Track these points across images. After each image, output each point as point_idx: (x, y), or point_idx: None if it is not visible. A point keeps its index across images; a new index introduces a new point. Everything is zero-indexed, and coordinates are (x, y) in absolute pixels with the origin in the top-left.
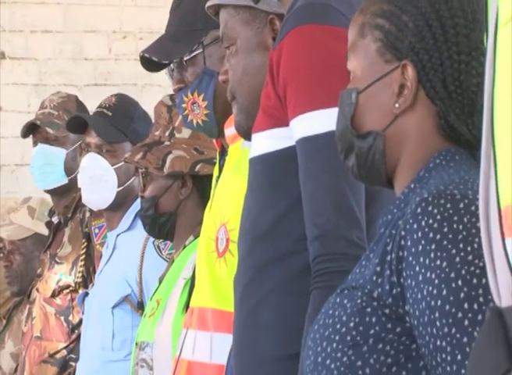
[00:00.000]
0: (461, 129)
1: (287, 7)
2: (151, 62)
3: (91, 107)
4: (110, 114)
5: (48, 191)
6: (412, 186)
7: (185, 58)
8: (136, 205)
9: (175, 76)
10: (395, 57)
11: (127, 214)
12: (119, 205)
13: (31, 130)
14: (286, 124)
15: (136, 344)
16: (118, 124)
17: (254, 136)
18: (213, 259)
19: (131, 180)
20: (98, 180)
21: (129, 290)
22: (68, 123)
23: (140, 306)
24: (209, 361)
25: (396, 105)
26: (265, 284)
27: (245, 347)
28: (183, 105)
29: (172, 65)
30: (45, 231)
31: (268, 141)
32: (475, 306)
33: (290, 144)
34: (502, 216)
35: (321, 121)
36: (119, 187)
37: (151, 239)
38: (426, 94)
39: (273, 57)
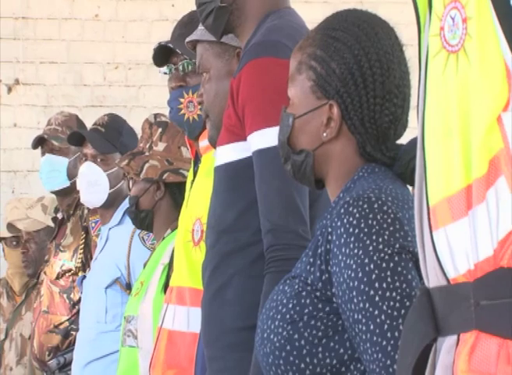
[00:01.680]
0: (376, 155)
1: (244, 43)
2: (162, 55)
3: (89, 124)
4: (103, 130)
5: (54, 192)
6: (341, 195)
7: (194, 63)
8: (125, 204)
9: (177, 75)
10: (324, 96)
11: (117, 211)
12: (111, 203)
13: (40, 142)
14: (244, 139)
15: (125, 317)
16: (109, 138)
17: (218, 148)
18: (190, 247)
19: (120, 183)
20: (94, 183)
21: (119, 273)
22: (69, 137)
23: (128, 287)
24: (186, 330)
25: (324, 135)
26: (229, 269)
27: (212, 320)
28: (181, 100)
29: (179, 65)
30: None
31: (230, 152)
32: (384, 285)
33: (247, 155)
34: (430, 213)
35: (272, 136)
36: (110, 189)
37: (137, 232)
38: (348, 128)
39: (233, 84)
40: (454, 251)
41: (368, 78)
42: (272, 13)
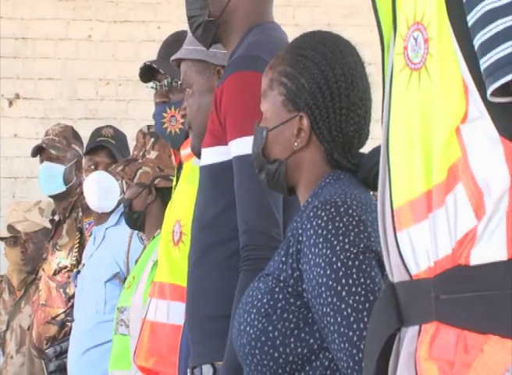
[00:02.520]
0: (342, 162)
1: (229, 53)
2: (147, 73)
3: (83, 135)
4: (114, 142)
5: (51, 196)
6: (310, 200)
7: (176, 82)
8: (121, 207)
9: (161, 92)
10: (294, 108)
11: (114, 213)
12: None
13: (39, 151)
14: (226, 143)
15: (118, 308)
16: (119, 149)
17: (202, 150)
18: (170, 247)
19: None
20: (107, 191)
21: (118, 269)
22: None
23: (125, 281)
24: (166, 321)
25: (295, 144)
26: (209, 261)
27: (194, 308)
28: (164, 115)
29: (164, 80)
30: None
31: (212, 155)
32: (350, 281)
33: (228, 158)
34: (394, 215)
35: (249, 144)
36: (119, 195)
37: (136, 232)
38: (317, 137)
39: (217, 93)
40: (416, 249)
41: (335, 91)
42: (255, 27)
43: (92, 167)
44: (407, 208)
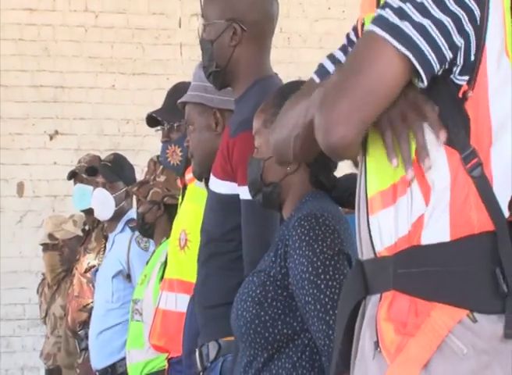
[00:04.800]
0: (324, 181)
1: (237, 96)
2: (154, 121)
3: None
4: (110, 165)
5: (82, 211)
6: (293, 213)
7: (175, 125)
8: (126, 217)
9: (164, 133)
10: None
11: (120, 222)
12: (116, 217)
13: (73, 175)
14: (234, 181)
15: (133, 300)
16: (114, 171)
17: (214, 179)
18: (177, 251)
19: (122, 203)
20: (104, 203)
21: (121, 267)
22: (86, 169)
23: (128, 277)
24: (175, 309)
25: (288, 169)
26: (214, 263)
27: (202, 297)
28: (167, 151)
29: (165, 125)
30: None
31: (223, 187)
32: (327, 277)
33: (235, 192)
34: (368, 202)
35: None
36: (115, 207)
37: (134, 236)
38: (305, 163)
39: (230, 144)
40: (382, 231)
41: None
42: (259, 81)
43: (96, 186)
44: (378, 197)
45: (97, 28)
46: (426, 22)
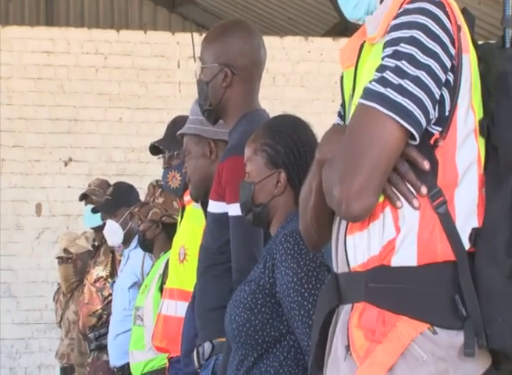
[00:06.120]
0: None
1: (229, 128)
2: (156, 149)
3: None
4: (110, 198)
5: (92, 228)
6: (279, 230)
7: (175, 153)
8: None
9: (165, 160)
10: (274, 167)
11: (134, 240)
12: (128, 238)
13: (84, 197)
14: (225, 201)
15: (135, 307)
16: (115, 202)
17: (210, 201)
18: (177, 263)
19: (128, 225)
20: (112, 233)
21: (137, 279)
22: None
23: None
24: (175, 315)
25: (276, 191)
26: (210, 273)
27: (200, 303)
28: (168, 176)
29: (166, 154)
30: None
31: (217, 207)
32: (310, 286)
33: (227, 211)
34: (348, 224)
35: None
36: (123, 230)
37: (148, 253)
38: (290, 185)
39: (220, 168)
40: (357, 250)
41: (302, 153)
42: (246, 115)
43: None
44: None
45: (107, 68)
46: (418, 91)
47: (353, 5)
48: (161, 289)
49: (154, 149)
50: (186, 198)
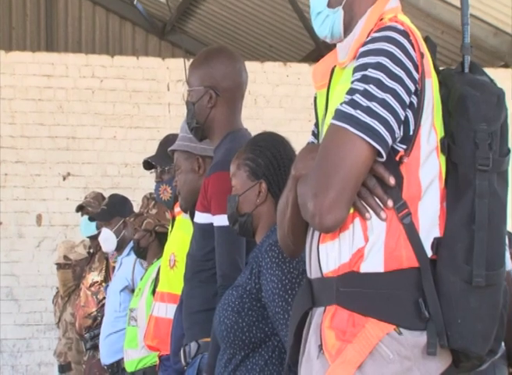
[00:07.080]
0: None
1: (214, 146)
2: (148, 165)
3: None
4: (106, 208)
5: (88, 237)
6: (265, 239)
7: (166, 168)
8: (131, 243)
9: (157, 175)
10: (255, 178)
11: (127, 247)
12: (120, 246)
13: (81, 208)
14: (210, 213)
15: (130, 309)
16: (110, 211)
17: (196, 212)
18: (168, 269)
19: (122, 233)
20: (108, 239)
21: (127, 283)
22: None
23: (132, 291)
24: (165, 316)
25: (258, 201)
26: (196, 278)
27: (187, 306)
28: (160, 189)
29: (158, 169)
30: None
31: (202, 218)
32: (294, 292)
33: (211, 221)
34: (320, 235)
35: (224, 219)
36: (117, 238)
37: (138, 259)
38: (271, 195)
39: (205, 182)
40: (329, 257)
41: (281, 165)
42: (230, 133)
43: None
44: None
45: (102, 90)
46: (384, 113)
47: (320, 23)
48: (153, 292)
49: (147, 164)
50: (177, 209)
